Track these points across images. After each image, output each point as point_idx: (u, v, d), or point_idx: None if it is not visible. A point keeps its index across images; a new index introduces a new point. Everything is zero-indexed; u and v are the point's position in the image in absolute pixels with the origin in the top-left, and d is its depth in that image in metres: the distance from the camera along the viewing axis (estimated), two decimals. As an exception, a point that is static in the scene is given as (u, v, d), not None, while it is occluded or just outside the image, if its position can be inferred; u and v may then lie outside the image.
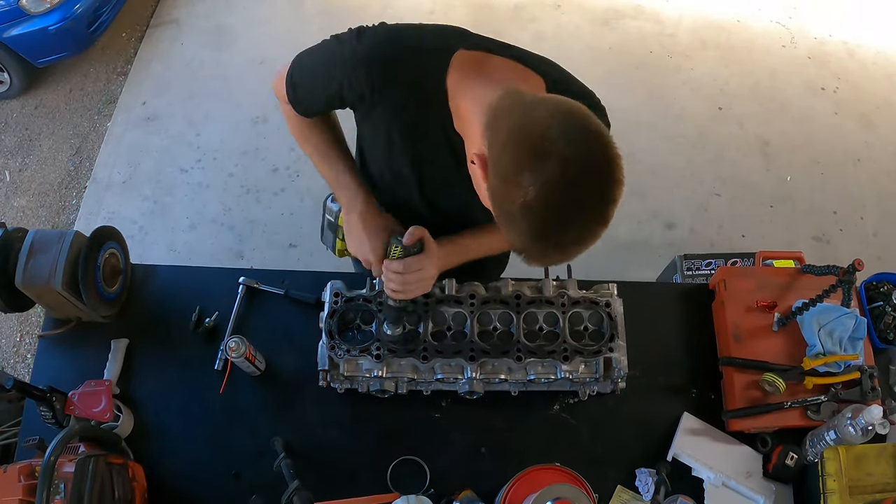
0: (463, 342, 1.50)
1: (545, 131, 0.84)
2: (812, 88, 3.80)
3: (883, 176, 3.50)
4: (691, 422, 1.61)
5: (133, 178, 3.32)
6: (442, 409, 1.61)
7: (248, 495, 1.45)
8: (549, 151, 0.82)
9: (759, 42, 3.98)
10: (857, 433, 1.44)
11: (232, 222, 3.18)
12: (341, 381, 1.53)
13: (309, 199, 3.24)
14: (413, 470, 1.54)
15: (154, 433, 1.56)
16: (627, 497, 1.54)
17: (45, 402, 1.40)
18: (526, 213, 0.85)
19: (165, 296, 1.72)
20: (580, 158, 0.83)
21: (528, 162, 0.84)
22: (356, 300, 1.53)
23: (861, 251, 3.11)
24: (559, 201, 0.84)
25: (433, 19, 3.87)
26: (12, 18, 3.22)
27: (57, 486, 1.22)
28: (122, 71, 3.76)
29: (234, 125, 3.48)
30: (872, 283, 1.75)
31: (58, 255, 1.48)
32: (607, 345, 1.50)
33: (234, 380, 1.61)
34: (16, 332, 2.97)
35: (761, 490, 1.53)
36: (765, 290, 1.69)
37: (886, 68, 3.93)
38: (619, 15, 4.02)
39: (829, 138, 3.59)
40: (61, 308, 1.56)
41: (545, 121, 0.85)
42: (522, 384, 1.54)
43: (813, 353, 1.59)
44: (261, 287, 1.72)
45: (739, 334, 1.64)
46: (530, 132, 0.85)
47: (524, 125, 0.86)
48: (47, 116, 3.60)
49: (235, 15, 3.94)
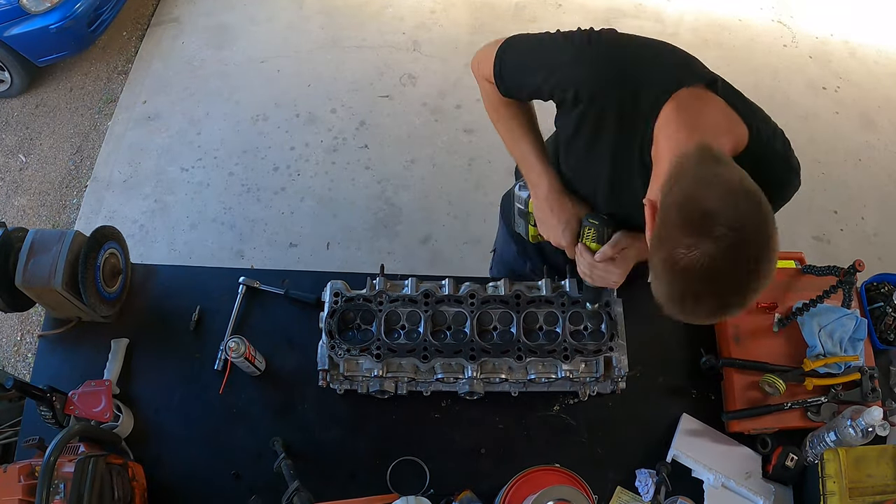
0: (463, 342, 1.50)
1: (713, 212, 0.87)
2: (813, 87, 3.79)
3: (884, 176, 3.49)
4: (691, 423, 1.61)
5: (134, 177, 3.32)
6: (442, 410, 1.61)
7: (247, 495, 1.45)
8: (709, 232, 0.86)
9: (760, 41, 3.98)
10: (858, 434, 1.43)
11: (232, 221, 3.18)
12: (341, 382, 1.53)
13: (309, 198, 3.24)
14: (413, 470, 1.54)
15: (154, 433, 1.57)
16: (627, 498, 1.54)
17: (45, 402, 1.40)
18: (670, 276, 0.91)
19: (165, 296, 1.72)
20: (734, 250, 0.86)
21: (688, 234, 0.88)
22: (356, 300, 1.53)
23: (862, 251, 3.11)
24: (702, 277, 0.88)
25: (434, 18, 3.87)
26: (13, 17, 3.21)
27: (57, 486, 1.22)
28: (122, 70, 3.76)
29: (234, 124, 3.48)
30: (873, 283, 1.75)
31: (58, 255, 1.48)
32: (607, 344, 1.50)
33: (234, 380, 1.61)
34: (16, 331, 2.97)
35: (761, 491, 1.53)
36: (765, 291, 1.67)
37: (888, 67, 3.92)
38: (620, 14, 4.02)
39: (830, 137, 3.58)
40: (61, 308, 1.56)
41: (716, 202, 0.88)
42: (522, 384, 1.54)
43: (813, 354, 1.59)
44: (261, 287, 1.71)
45: (740, 335, 1.64)
46: (698, 207, 0.88)
47: (696, 198, 0.89)
48: (48, 115, 3.60)
49: (236, 14, 3.94)
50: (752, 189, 0.91)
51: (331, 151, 3.39)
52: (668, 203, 0.93)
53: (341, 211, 3.21)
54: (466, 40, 3.81)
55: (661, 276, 0.92)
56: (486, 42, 1.32)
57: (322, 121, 3.49)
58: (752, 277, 0.89)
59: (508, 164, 1.56)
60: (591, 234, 1.28)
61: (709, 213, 0.87)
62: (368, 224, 3.18)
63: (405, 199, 3.25)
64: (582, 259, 1.31)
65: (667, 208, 0.92)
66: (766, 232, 0.88)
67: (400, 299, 1.53)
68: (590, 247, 1.30)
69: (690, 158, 0.95)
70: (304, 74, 3.66)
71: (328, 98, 3.57)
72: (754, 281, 0.89)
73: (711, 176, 0.91)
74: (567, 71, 1.15)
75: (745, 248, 0.87)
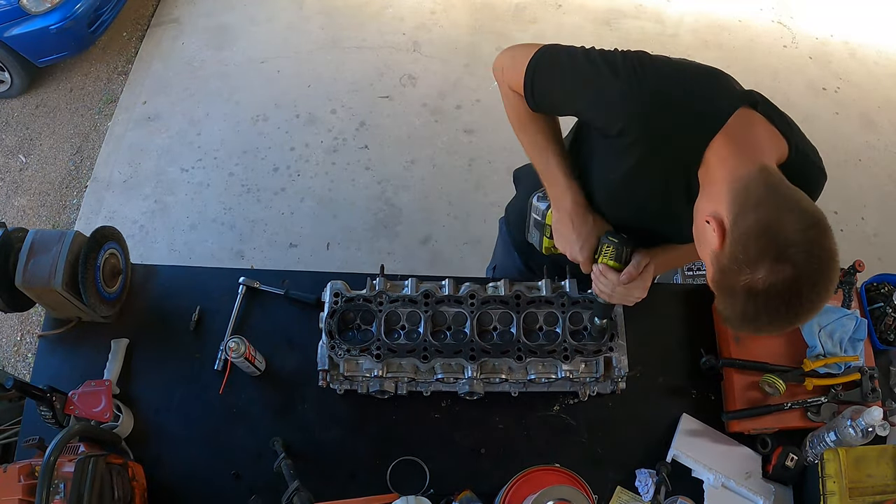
0: (463, 342, 1.50)
1: (794, 240, 0.92)
2: (813, 88, 3.80)
3: (884, 176, 3.49)
4: (691, 423, 1.61)
5: (134, 178, 3.32)
6: (442, 410, 1.61)
7: (247, 495, 1.45)
8: (790, 259, 0.92)
9: (760, 42, 3.98)
10: (858, 435, 1.43)
11: (232, 222, 3.18)
12: (341, 382, 1.53)
13: (309, 198, 3.24)
14: (413, 470, 1.54)
15: (154, 433, 1.57)
16: (627, 498, 1.54)
17: (45, 402, 1.40)
18: (746, 297, 0.95)
19: (165, 296, 1.72)
20: (812, 275, 0.92)
21: (769, 259, 0.93)
22: (356, 300, 1.53)
23: (862, 252, 3.09)
24: (778, 303, 0.93)
25: (434, 19, 3.87)
26: (13, 18, 3.21)
27: (57, 485, 1.22)
28: (122, 70, 3.76)
29: (234, 124, 3.48)
30: (873, 284, 1.75)
31: (58, 255, 1.48)
32: (607, 345, 1.50)
33: (234, 380, 1.61)
34: (16, 331, 2.97)
35: (761, 491, 1.53)
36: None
37: (888, 68, 3.92)
38: (620, 15, 4.02)
39: (831, 138, 3.58)
40: (61, 308, 1.56)
41: (796, 229, 0.93)
42: (522, 385, 1.54)
43: (813, 355, 1.59)
44: (261, 287, 1.71)
45: (740, 335, 1.64)
46: (779, 234, 0.93)
47: (775, 225, 0.94)
48: (48, 116, 3.60)
49: (236, 14, 3.94)
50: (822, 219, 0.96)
51: (331, 152, 3.39)
52: (744, 226, 0.96)
53: (341, 211, 3.21)
54: (466, 41, 3.81)
55: (737, 298, 0.97)
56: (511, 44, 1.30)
57: (322, 121, 3.49)
58: (824, 296, 0.94)
59: (509, 164, 1.56)
60: (609, 251, 1.28)
61: (791, 242, 0.92)
62: (368, 224, 3.18)
63: (405, 199, 3.26)
64: (604, 279, 1.31)
65: (744, 232, 0.96)
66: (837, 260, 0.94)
67: (400, 300, 1.53)
68: (609, 265, 1.29)
69: (758, 183, 0.99)
70: (305, 75, 3.66)
71: (328, 98, 3.57)
72: (826, 297, 0.95)
73: (784, 201, 0.97)
74: (614, 106, 1.13)
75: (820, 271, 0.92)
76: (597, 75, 1.14)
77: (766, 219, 0.95)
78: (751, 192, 0.99)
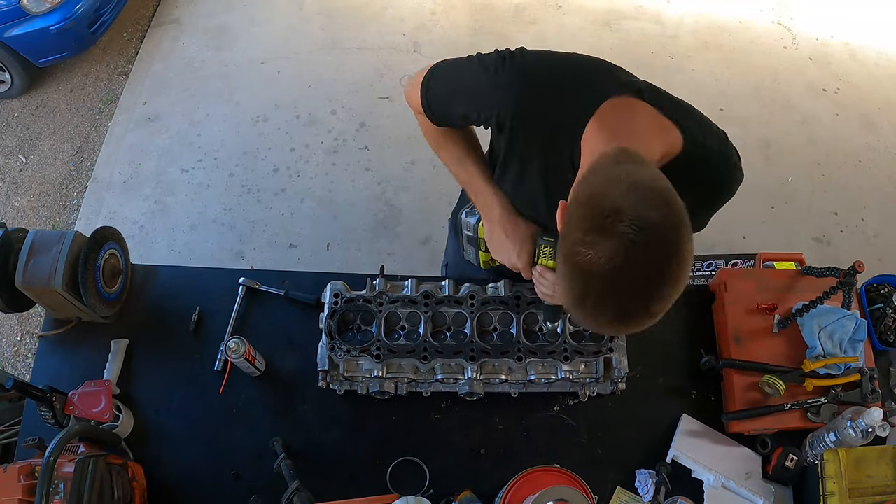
0: (463, 342, 1.50)
1: (616, 209, 0.81)
2: (813, 89, 3.80)
3: (884, 177, 3.49)
4: (691, 423, 1.61)
5: (134, 178, 3.32)
6: (442, 410, 1.61)
7: (247, 496, 1.45)
8: (611, 232, 0.81)
9: (760, 43, 3.98)
10: (857, 435, 1.43)
11: (232, 222, 3.18)
12: (341, 382, 1.53)
13: (309, 199, 3.24)
14: (413, 471, 1.54)
15: (154, 433, 1.57)
16: (627, 498, 1.54)
17: (45, 402, 1.40)
18: (571, 274, 0.86)
19: (165, 296, 1.72)
20: (635, 250, 0.80)
21: (590, 231, 0.83)
22: (356, 301, 1.53)
23: (862, 253, 3.11)
24: (599, 282, 0.83)
25: (434, 20, 3.87)
26: (13, 18, 3.22)
27: (56, 486, 1.22)
28: (123, 71, 3.76)
29: (234, 125, 3.48)
30: (873, 284, 1.75)
31: (58, 256, 1.48)
32: (607, 345, 1.50)
33: (234, 380, 1.61)
34: (16, 331, 2.97)
35: (761, 492, 1.53)
36: (765, 292, 1.68)
37: (888, 69, 3.92)
38: (620, 16, 4.02)
39: (831, 139, 3.58)
40: (61, 308, 1.56)
41: (620, 199, 0.82)
42: (522, 385, 1.54)
43: (813, 355, 1.59)
44: (261, 287, 1.72)
45: (740, 336, 1.64)
46: (601, 203, 0.83)
47: (601, 194, 0.85)
48: (48, 116, 3.61)
49: (236, 15, 3.94)
50: (663, 188, 0.86)
51: (331, 153, 3.39)
52: (576, 200, 0.88)
53: (341, 212, 3.21)
54: (467, 42, 3.81)
55: (563, 275, 0.88)
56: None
57: (322, 122, 3.49)
58: (654, 282, 0.83)
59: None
60: (547, 252, 1.24)
61: (612, 211, 0.81)
62: (368, 225, 3.18)
63: (405, 200, 3.26)
64: (543, 280, 1.26)
65: (575, 205, 0.88)
66: (674, 235, 0.83)
67: (400, 300, 1.54)
68: (547, 266, 1.26)
69: (605, 158, 0.93)
70: (305, 76, 3.66)
71: (328, 99, 3.57)
72: (657, 287, 0.84)
73: (622, 174, 0.86)
74: (486, 97, 1.14)
75: (647, 250, 0.81)
76: (471, 72, 1.16)
77: (595, 188, 0.86)
78: (594, 167, 0.92)
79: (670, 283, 0.84)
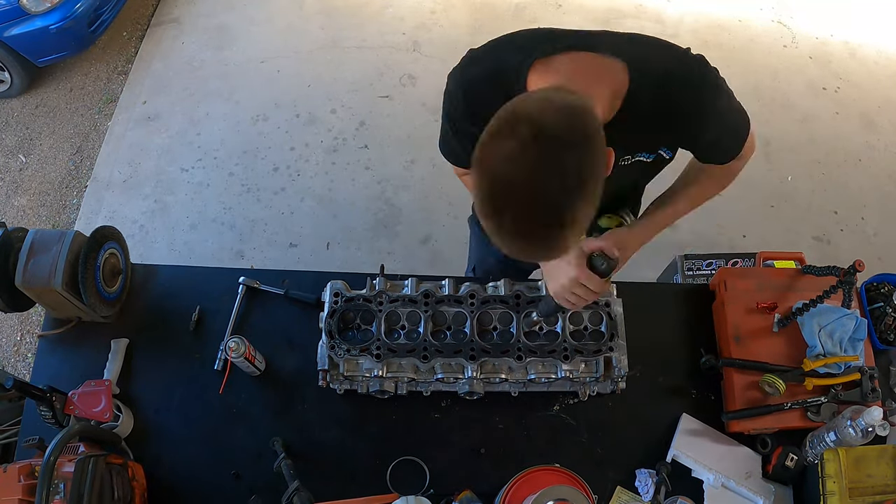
0: (463, 342, 1.50)
1: (521, 114, 0.85)
2: (813, 88, 3.79)
3: (884, 176, 3.49)
4: (691, 423, 1.61)
5: (134, 178, 3.32)
6: (442, 410, 1.61)
7: (247, 495, 1.45)
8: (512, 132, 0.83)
9: (760, 42, 3.97)
10: (858, 435, 1.43)
11: (232, 221, 3.18)
12: (341, 382, 1.53)
13: (309, 198, 3.24)
14: (412, 470, 1.54)
15: (154, 433, 1.57)
16: (627, 498, 1.54)
17: (45, 402, 1.40)
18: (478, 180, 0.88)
19: (165, 296, 1.72)
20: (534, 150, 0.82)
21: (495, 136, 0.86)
22: (356, 300, 1.53)
23: (862, 252, 3.11)
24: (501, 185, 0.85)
25: (434, 19, 3.87)
26: (13, 18, 3.22)
27: (56, 485, 1.22)
28: (122, 70, 3.76)
29: (234, 124, 3.48)
30: (873, 283, 1.74)
31: (58, 255, 1.48)
32: (607, 344, 1.50)
33: (234, 380, 1.61)
34: (16, 331, 2.97)
35: (761, 491, 1.53)
36: (765, 291, 1.68)
37: (888, 68, 3.92)
38: (620, 15, 4.01)
39: (831, 138, 3.58)
40: (61, 308, 1.56)
41: (527, 104, 0.86)
42: (522, 384, 1.54)
43: (813, 355, 1.59)
44: (261, 287, 1.71)
45: (740, 335, 1.64)
46: (512, 109, 0.87)
47: (515, 103, 0.88)
48: (48, 115, 3.60)
49: (236, 14, 3.94)
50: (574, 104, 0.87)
51: (331, 152, 3.39)
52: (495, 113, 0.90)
53: (341, 211, 3.21)
54: (466, 41, 3.79)
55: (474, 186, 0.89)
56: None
57: (322, 121, 3.49)
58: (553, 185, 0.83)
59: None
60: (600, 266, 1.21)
61: (517, 114, 0.85)
62: (368, 224, 3.18)
63: (405, 199, 3.25)
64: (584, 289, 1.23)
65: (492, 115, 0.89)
66: (576, 138, 0.83)
67: (400, 299, 1.53)
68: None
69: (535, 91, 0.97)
70: (304, 75, 3.66)
71: (328, 98, 3.57)
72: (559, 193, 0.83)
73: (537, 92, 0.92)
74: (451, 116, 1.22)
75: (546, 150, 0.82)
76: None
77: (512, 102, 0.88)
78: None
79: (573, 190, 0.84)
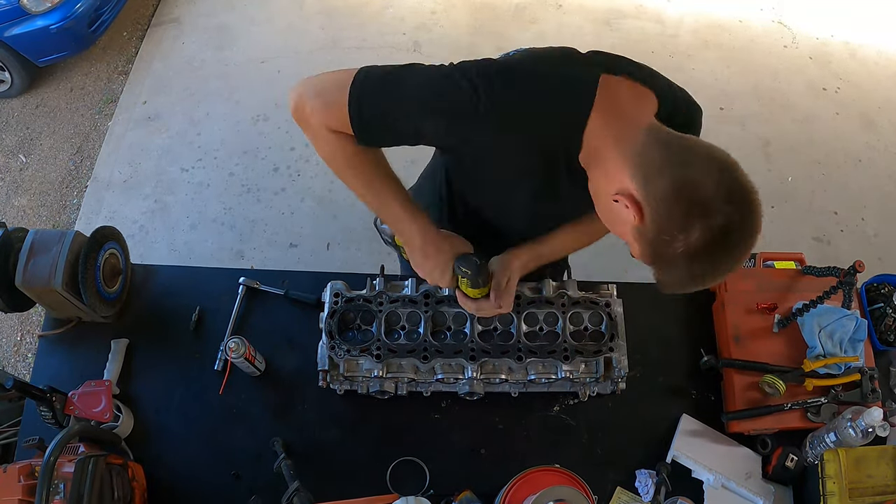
0: (463, 342, 1.50)
1: (708, 191, 0.91)
2: (813, 88, 3.80)
3: (884, 177, 3.49)
4: (691, 423, 1.61)
5: (134, 178, 3.32)
6: (442, 410, 1.61)
7: (247, 496, 1.45)
8: (712, 210, 0.90)
9: (760, 42, 3.98)
10: (858, 435, 1.43)
11: (232, 222, 3.18)
12: (341, 382, 1.53)
13: (309, 198, 3.24)
14: (413, 471, 1.54)
15: (154, 433, 1.56)
16: (627, 498, 1.54)
17: (45, 402, 1.40)
18: (688, 260, 0.94)
19: (165, 296, 1.72)
20: (740, 215, 0.92)
21: (694, 218, 0.91)
22: (356, 300, 1.53)
23: (862, 252, 3.11)
24: (719, 252, 0.94)
25: (435, 19, 3.87)
26: (13, 17, 3.22)
27: (56, 486, 1.22)
28: (123, 70, 3.76)
29: (234, 124, 3.48)
30: (873, 284, 1.75)
31: (58, 255, 1.48)
32: (607, 345, 1.50)
33: (234, 380, 1.61)
34: (16, 331, 2.97)
35: (761, 492, 1.53)
36: (765, 292, 1.69)
37: (888, 69, 3.92)
38: (620, 15, 4.02)
39: (831, 139, 3.58)
40: (61, 308, 1.56)
41: (706, 180, 0.91)
42: (522, 385, 1.54)
43: (813, 355, 1.59)
44: (261, 287, 1.71)
45: (740, 335, 1.64)
46: (694, 191, 0.92)
47: (686, 184, 0.92)
48: (48, 115, 3.60)
49: (236, 14, 3.94)
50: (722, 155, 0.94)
51: (331, 152, 3.38)
52: (658, 196, 0.94)
53: (341, 211, 3.21)
54: (467, 41, 3.81)
55: (678, 265, 0.95)
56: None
57: (322, 121, 3.48)
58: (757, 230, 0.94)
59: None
60: (465, 282, 1.30)
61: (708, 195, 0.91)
62: (368, 224, 3.16)
63: (405, 199, 3.25)
64: (468, 301, 1.35)
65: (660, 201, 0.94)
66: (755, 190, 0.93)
67: (400, 300, 1.53)
68: (467, 292, 1.33)
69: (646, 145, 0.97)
70: (305, 75, 3.60)
71: (328, 98, 3.56)
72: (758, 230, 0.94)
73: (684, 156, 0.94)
74: (469, 122, 1.08)
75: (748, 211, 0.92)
76: (440, 89, 1.10)
77: (676, 179, 0.93)
78: (647, 156, 0.97)
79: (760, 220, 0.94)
